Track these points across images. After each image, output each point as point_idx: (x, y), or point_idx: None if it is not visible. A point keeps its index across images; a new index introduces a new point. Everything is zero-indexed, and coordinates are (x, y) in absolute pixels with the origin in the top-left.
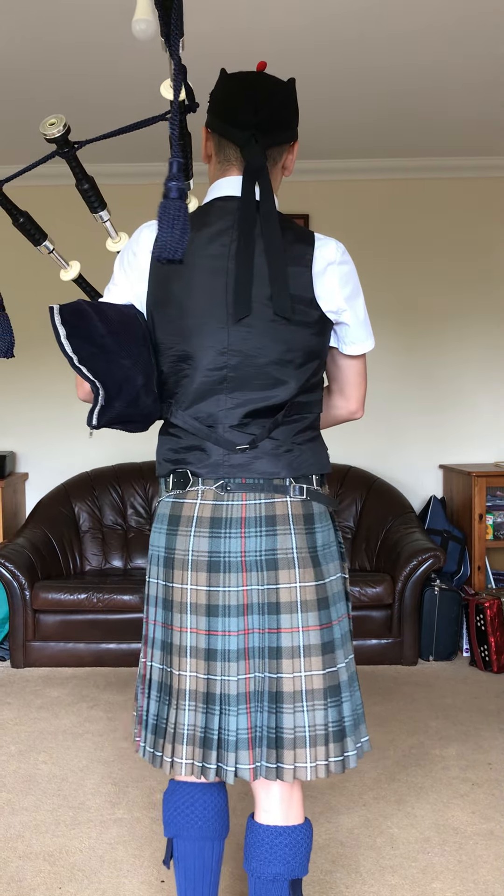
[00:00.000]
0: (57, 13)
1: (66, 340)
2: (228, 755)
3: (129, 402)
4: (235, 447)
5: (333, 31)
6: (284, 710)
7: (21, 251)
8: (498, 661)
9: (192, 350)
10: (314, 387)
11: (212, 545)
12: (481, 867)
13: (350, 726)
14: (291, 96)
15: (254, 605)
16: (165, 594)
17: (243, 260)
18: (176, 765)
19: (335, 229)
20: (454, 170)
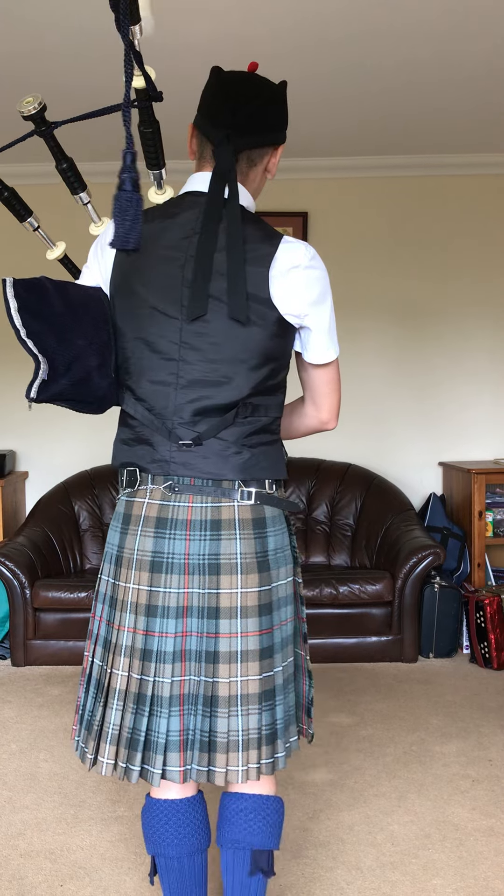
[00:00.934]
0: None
1: (16, 313)
2: (156, 757)
3: (76, 381)
4: (181, 442)
5: (330, 29)
6: (219, 713)
7: (9, 240)
8: (498, 658)
9: (144, 338)
10: (271, 389)
11: (156, 545)
12: (482, 863)
13: (281, 728)
14: (277, 99)
15: (193, 609)
16: (113, 592)
17: (202, 257)
18: (99, 763)
19: (333, 227)
20: (452, 167)
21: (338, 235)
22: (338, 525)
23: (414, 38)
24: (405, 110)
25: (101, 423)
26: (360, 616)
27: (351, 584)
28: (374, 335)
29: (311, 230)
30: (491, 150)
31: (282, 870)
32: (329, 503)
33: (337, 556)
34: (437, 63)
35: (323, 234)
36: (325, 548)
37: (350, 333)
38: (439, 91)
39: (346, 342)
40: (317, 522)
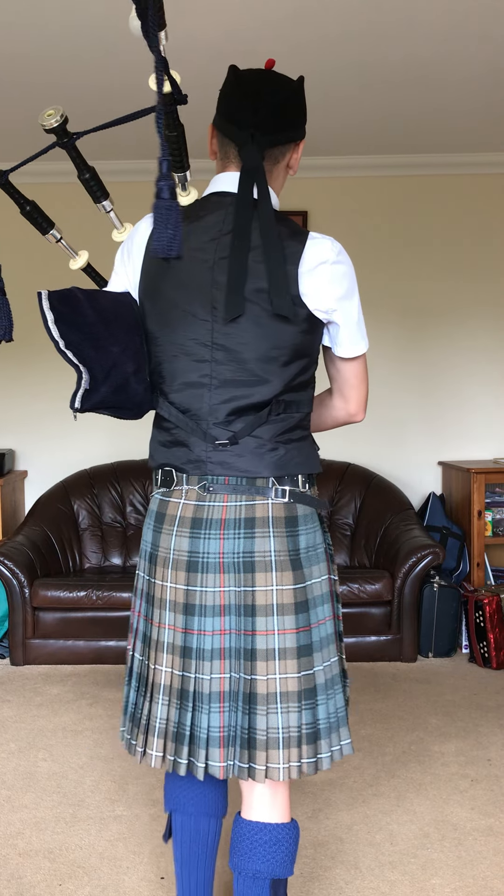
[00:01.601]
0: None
1: (53, 325)
2: (200, 751)
3: (115, 388)
4: (216, 443)
5: (331, 27)
6: (258, 711)
7: (26, 247)
8: (497, 658)
9: (176, 342)
10: (302, 386)
11: (192, 545)
12: (480, 863)
13: (325, 729)
14: (296, 95)
15: (230, 607)
16: (149, 589)
17: (237, 258)
18: (148, 756)
19: (334, 226)
20: (453, 166)
21: (338, 234)
22: (337, 524)
23: (415, 36)
24: (406, 109)
25: (100, 422)
26: (360, 615)
27: (350, 584)
28: (374, 334)
29: (311, 229)
30: (492, 150)
31: None
32: (328, 502)
33: (336, 555)
34: (438, 62)
35: (323, 233)
36: None
37: None
38: (440, 90)
39: None
40: None
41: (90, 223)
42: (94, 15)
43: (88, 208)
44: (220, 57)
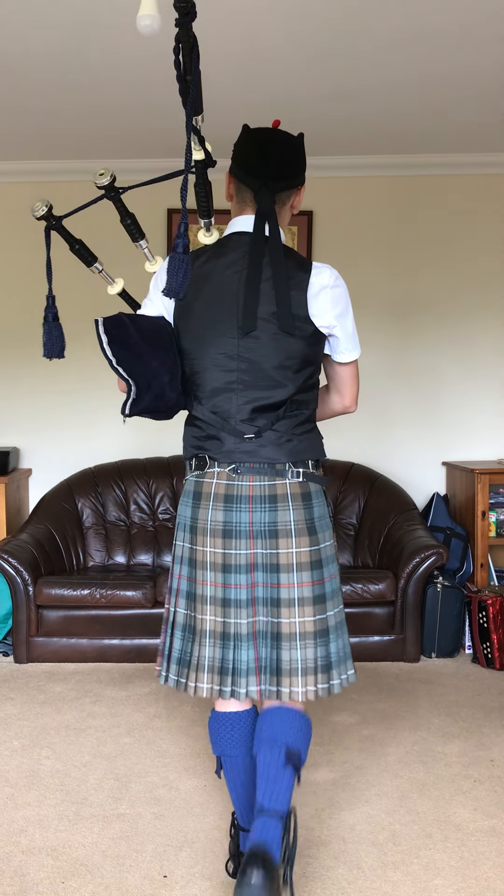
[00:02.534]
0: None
1: (107, 346)
2: (240, 679)
3: (155, 397)
4: (244, 436)
5: (336, 27)
6: (283, 647)
7: (23, 260)
8: (500, 659)
9: (209, 355)
10: (310, 387)
11: (226, 516)
12: (483, 864)
13: (335, 661)
14: (298, 149)
15: (258, 565)
16: (191, 555)
17: (251, 285)
18: (199, 689)
19: (338, 225)
20: (457, 166)
21: (342, 234)
22: (341, 524)
23: (418, 37)
24: (410, 109)
25: (103, 421)
26: (363, 615)
27: (354, 584)
28: (378, 334)
29: (315, 229)
30: (495, 150)
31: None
32: (332, 502)
33: (340, 555)
34: (442, 62)
35: (328, 232)
36: None
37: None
38: (444, 90)
39: None
40: None
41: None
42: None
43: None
44: (221, 58)
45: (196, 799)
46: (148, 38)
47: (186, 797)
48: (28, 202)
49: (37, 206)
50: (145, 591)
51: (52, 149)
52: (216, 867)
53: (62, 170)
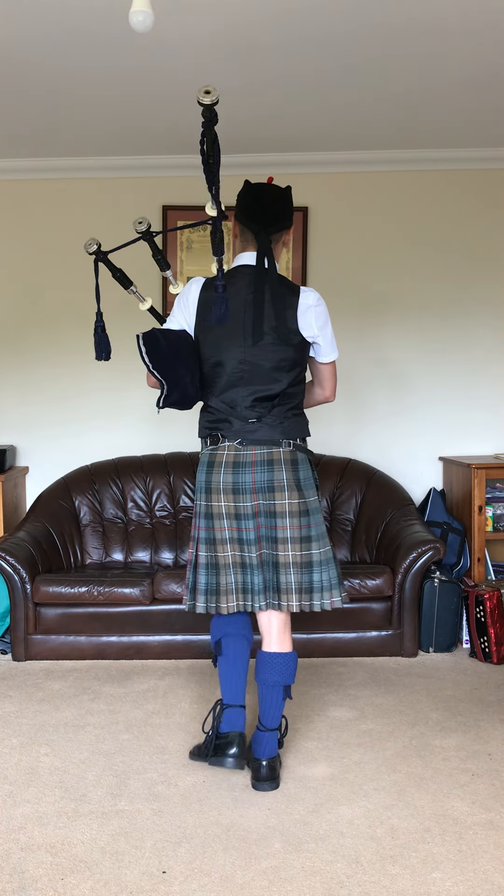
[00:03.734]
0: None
1: (146, 356)
2: (255, 596)
3: (181, 393)
4: (248, 421)
5: (331, 23)
6: (280, 573)
7: (19, 259)
8: (498, 653)
9: (223, 359)
10: (298, 383)
11: (234, 478)
12: (481, 857)
13: (317, 588)
14: (287, 200)
15: (261, 513)
16: (207, 510)
17: (258, 307)
18: (229, 607)
19: (334, 222)
20: (452, 161)
21: (338, 230)
22: (338, 520)
23: (414, 32)
24: (405, 105)
25: (100, 419)
26: (361, 611)
27: (351, 579)
28: (374, 329)
29: (311, 225)
30: (492, 145)
31: (282, 863)
32: (329, 498)
33: (337, 550)
34: (438, 57)
35: (323, 228)
36: None
37: (351, 328)
38: (440, 85)
39: (346, 337)
40: None
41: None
42: (93, 9)
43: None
44: (218, 55)
45: (195, 795)
46: (141, 34)
47: (185, 793)
48: (24, 199)
49: (89, 243)
50: (143, 588)
51: (50, 146)
52: (215, 862)
53: (61, 167)
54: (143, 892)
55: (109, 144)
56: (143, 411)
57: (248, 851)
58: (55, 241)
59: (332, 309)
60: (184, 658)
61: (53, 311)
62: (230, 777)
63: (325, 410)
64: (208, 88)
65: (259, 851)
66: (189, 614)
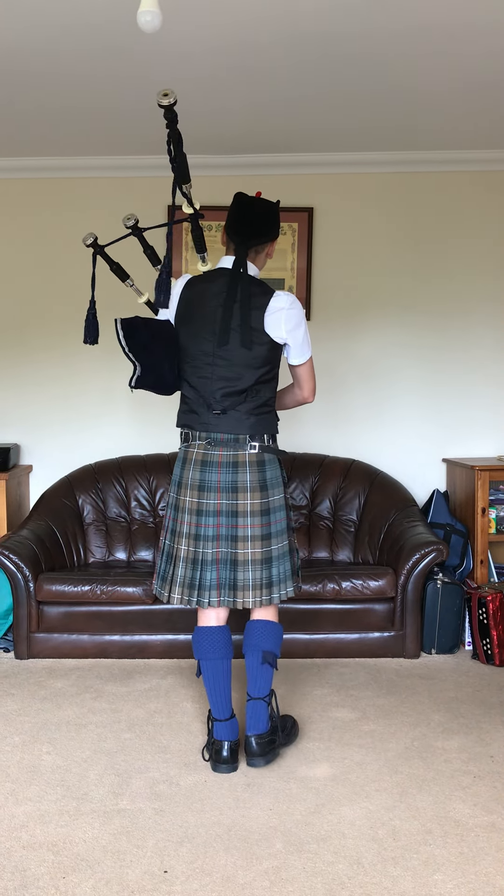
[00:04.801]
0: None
1: (122, 339)
2: (205, 592)
3: (156, 377)
4: (213, 412)
5: (335, 23)
6: (238, 569)
7: (20, 257)
8: (500, 655)
9: (195, 352)
10: (267, 381)
11: (201, 476)
12: (483, 859)
13: (276, 581)
14: (270, 215)
15: (223, 512)
16: (177, 503)
17: (227, 306)
18: (172, 598)
19: (339, 222)
20: (458, 162)
21: (343, 231)
22: (341, 521)
23: (417, 33)
24: (411, 106)
25: (104, 418)
26: (363, 612)
27: (354, 580)
28: (378, 330)
29: (316, 225)
30: (495, 147)
31: (283, 863)
32: (332, 499)
33: (340, 551)
34: (443, 58)
35: (328, 229)
36: (328, 543)
37: (354, 328)
38: (445, 87)
39: (349, 337)
40: (320, 518)
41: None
42: (98, 8)
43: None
44: (219, 53)
45: (196, 794)
46: (149, 35)
47: (187, 793)
48: (26, 198)
49: (86, 237)
50: (146, 588)
51: (52, 145)
52: (217, 862)
53: (63, 167)
54: (145, 891)
55: (112, 144)
56: (146, 411)
57: (249, 851)
58: (57, 240)
59: (335, 308)
60: (186, 657)
61: (57, 310)
62: (232, 777)
63: (326, 411)
64: (166, 91)
65: (260, 852)
66: (192, 614)
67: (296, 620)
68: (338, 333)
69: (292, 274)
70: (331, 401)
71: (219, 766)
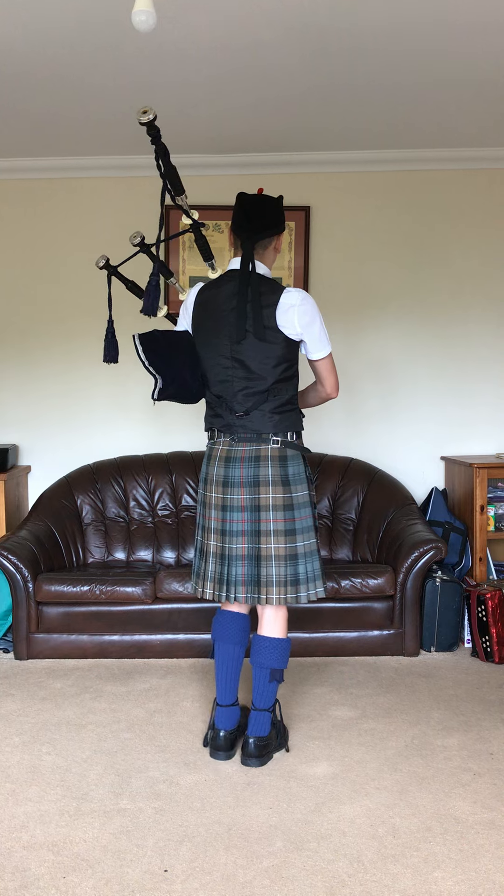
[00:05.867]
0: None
1: (142, 353)
2: (232, 587)
3: (178, 387)
4: (236, 414)
5: (332, 21)
6: (262, 565)
7: (20, 259)
8: (499, 652)
9: (213, 357)
10: (287, 379)
11: (226, 472)
12: (483, 856)
13: (303, 580)
14: (272, 208)
15: (247, 507)
16: (204, 500)
17: (240, 308)
18: (205, 593)
19: (336, 221)
20: (455, 161)
21: (340, 229)
22: (340, 519)
23: (415, 31)
24: (410, 104)
25: (103, 418)
26: (362, 610)
27: (353, 578)
28: (376, 329)
29: (313, 224)
30: (494, 145)
31: (284, 862)
32: (331, 497)
33: (339, 550)
34: (440, 56)
35: (325, 227)
36: (326, 542)
37: (352, 327)
38: (442, 85)
39: (348, 336)
40: (319, 516)
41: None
42: (96, 11)
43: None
44: (218, 57)
45: (196, 794)
46: (144, 34)
47: (187, 792)
48: (27, 197)
49: (98, 259)
50: (145, 588)
51: (53, 145)
52: (217, 861)
53: (64, 167)
54: (145, 890)
55: (113, 143)
56: (146, 411)
57: (249, 850)
58: (58, 241)
59: (333, 307)
60: (186, 657)
61: (56, 311)
62: (232, 776)
63: (326, 409)
64: (144, 109)
65: (261, 850)
66: (191, 613)
67: (295, 619)
68: (335, 332)
69: (289, 273)
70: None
71: (216, 752)
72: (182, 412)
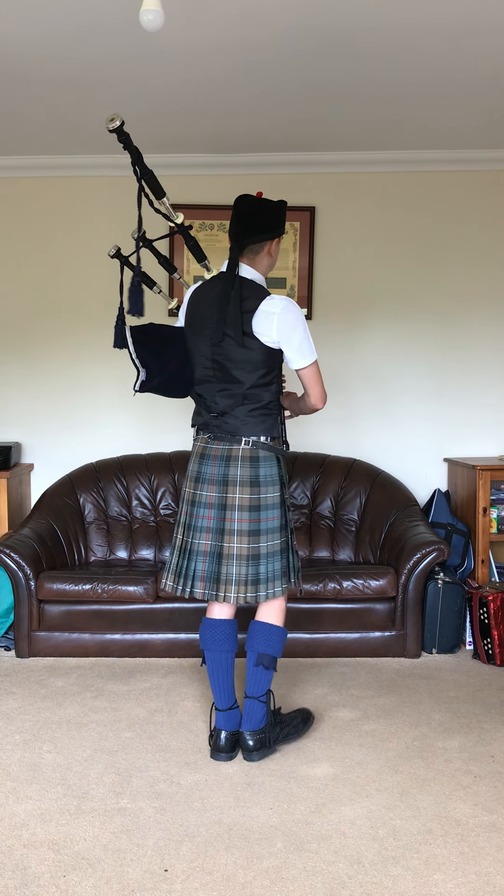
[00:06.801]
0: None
1: (132, 345)
2: (189, 581)
3: (164, 380)
4: (211, 413)
5: (335, 22)
6: (223, 563)
7: (23, 256)
8: (501, 655)
9: (197, 355)
10: (266, 384)
11: (199, 468)
12: (483, 859)
13: (263, 580)
14: (267, 213)
15: (215, 504)
16: (183, 494)
17: (221, 311)
18: (168, 586)
19: (341, 221)
20: (460, 162)
21: (345, 230)
22: (342, 520)
23: (419, 33)
24: (410, 105)
25: (105, 416)
26: (364, 611)
27: (355, 580)
28: (380, 329)
29: (318, 224)
30: (496, 146)
31: (284, 863)
32: (333, 498)
33: (341, 551)
34: (444, 58)
35: (330, 228)
36: (329, 543)
37: (355, 327)
38: (447, 86)
39: (349, 336)
40: (321, 517)
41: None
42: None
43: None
44: (218, 59)
45: (197, 793)
46: (151, 34)
47: (187, 791)
48: (30, 196)
49: (110, 249)
50: (147, 587)
51: (56, 144)
52: (217, 861)
53: (66, 165)
54: (145, 890)
55: (113, 143)
56: (148, 410)
57: (249, 851)
58: (61, 238)
59: (337, 307)
60: (187, 656)
61: (59, 309)
62: (232, 776)
63: (327, 410)
64: (112, 116)
65: (261, 851)
66: (192, 612)
67: (297, 620)
68: (339, 332)
69: (294, 273)
70: (332, 400)
71: (216, 753)
72: (182, 412)
